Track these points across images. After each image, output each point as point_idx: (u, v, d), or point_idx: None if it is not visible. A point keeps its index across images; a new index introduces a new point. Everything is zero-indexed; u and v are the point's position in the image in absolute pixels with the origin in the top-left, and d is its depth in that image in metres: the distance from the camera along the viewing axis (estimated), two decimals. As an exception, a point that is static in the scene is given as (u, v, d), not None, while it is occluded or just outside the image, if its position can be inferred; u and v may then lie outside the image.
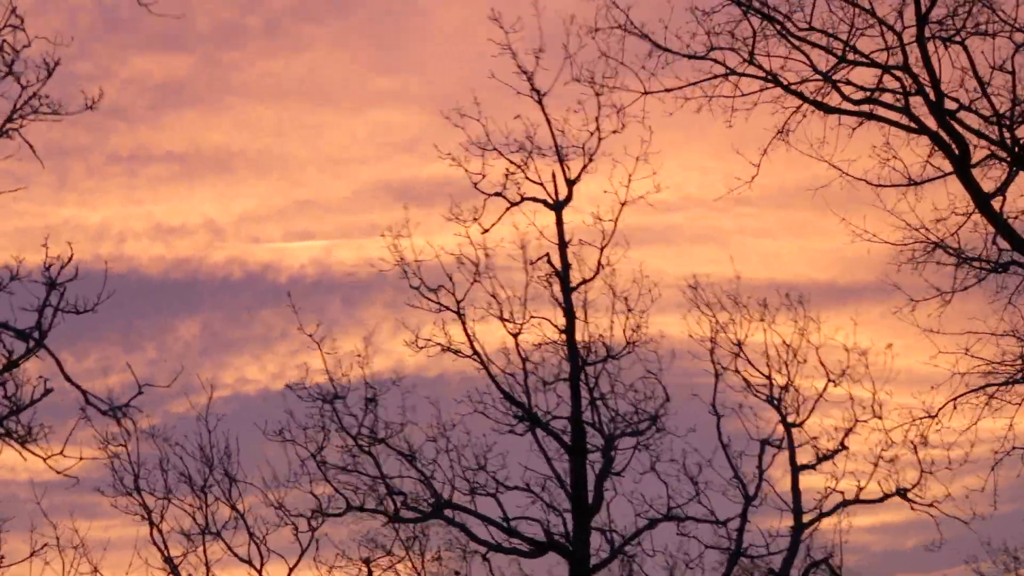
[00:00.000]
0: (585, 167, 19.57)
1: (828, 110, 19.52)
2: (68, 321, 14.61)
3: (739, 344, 21.23)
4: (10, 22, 14.96)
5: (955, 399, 20.49)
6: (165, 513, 21.02)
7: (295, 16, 35.32)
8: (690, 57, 19.30)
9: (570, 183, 19.56)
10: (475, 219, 19.20)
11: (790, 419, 21.13)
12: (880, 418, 20.93)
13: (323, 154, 34.43)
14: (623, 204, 19.56)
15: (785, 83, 19.48)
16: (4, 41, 15.14)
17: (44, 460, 14.53)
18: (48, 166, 15.46)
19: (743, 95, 19.46)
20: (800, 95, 19.52)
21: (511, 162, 19.36)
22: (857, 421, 20.97)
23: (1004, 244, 19.76)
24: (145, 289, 31.45)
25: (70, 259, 14.46)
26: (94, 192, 31.45)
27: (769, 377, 21.29)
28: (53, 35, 15.30)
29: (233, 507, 20.90)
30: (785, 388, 21.18)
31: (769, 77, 19.45)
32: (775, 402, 21.16)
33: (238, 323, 30.50)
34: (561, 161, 19.47)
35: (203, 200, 33.01)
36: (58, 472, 14.59)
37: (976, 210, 19.65)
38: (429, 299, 19.32)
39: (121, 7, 30.78)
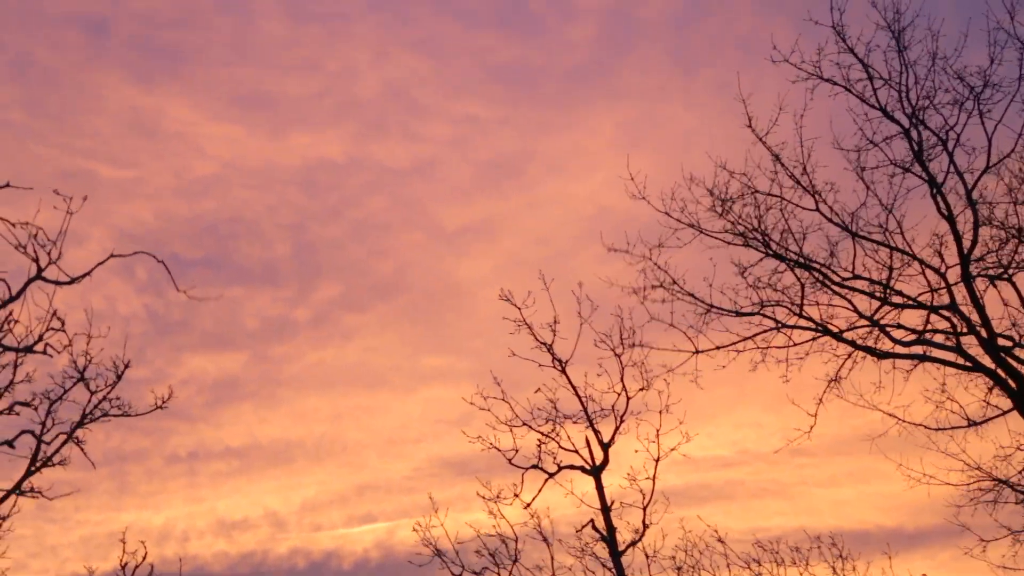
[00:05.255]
0: (617, 428, 19.42)
1: (880, 355, 19.30)
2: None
3: None
4: (51, 325, 15.42)
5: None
6: None
7: (341, 306, 36.63)
8: (739, 314, 19.29)
9: (604, 446, 19.34)
10: (515, 495, 19.02)
11: None
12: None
13: (379, 436, 34.98)
14: (656, 460, 19.26)
15: (835, 331, 19.33)
16: (47, 344, 15.56)
17: None
18: (108, 472, 15.80)
19: (795, 345, 19.34)
20: (851, 342, 19.37)
21: (542, 433, 19.25)
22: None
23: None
24: (211, 585, 31.45)
25: (144, 558, 14.67)
26: (156, 494, 31.76)
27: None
28: (108, 340, 15.81)
29: None
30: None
31: (819, 327, 19.34)
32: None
33: (305, 612, 30.27)
34: (592, 425, 19.36)
35: (264, 492, 33.24)
36: None
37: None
38: (474, 586, 18.87)
39: (172, 312, 31.92)
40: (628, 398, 19.19)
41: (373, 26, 36.50)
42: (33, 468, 15.94)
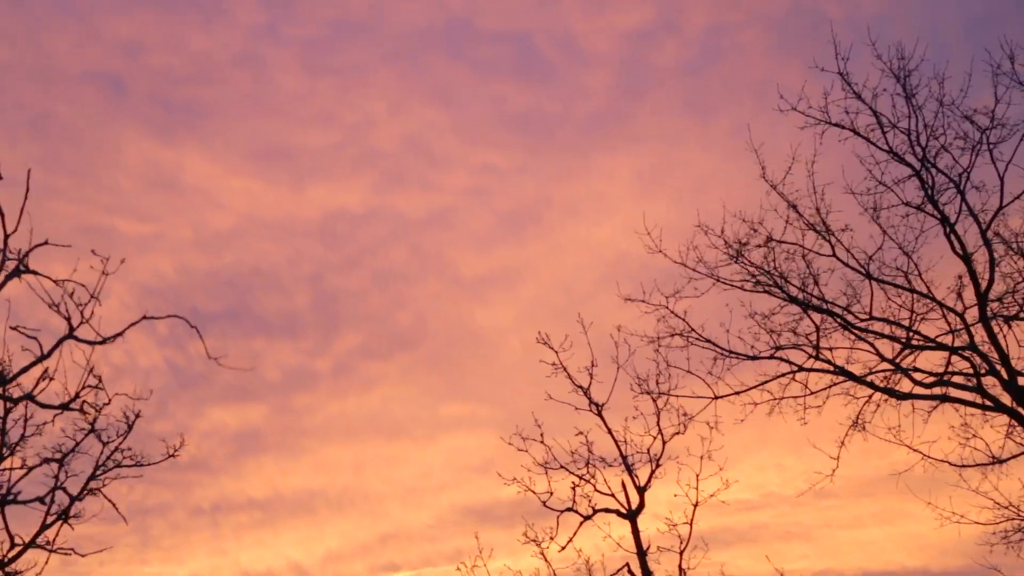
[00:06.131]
0: (653, 473, 19.41)
1: (900, 397, 19.31)
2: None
3: None
4: (88, 382, 15.46)
5: None
6: None
7: (361, 356, 36.77)
8: (755, 359, 19.33)
9: (640, 490, 19.35)
10: (551, 538, 18.97)
11: None
12: None
13: (401, 485, 34.77)
14: (695, 505, 19.23)
15: (854, 375, 19.33)
16: (85, 402, 15.58)
17: None
18: (131, 526, 15.80)
19: (812, 393, 19.36)
20: (871, 385, 19.38)
21: (578, 476, 19.33)
22: None
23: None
24: (238, 639, 30.94)
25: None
26: (179, 547, 31.66)
27: None
28: (133, 393, 15.83)
29: None
30: None
31: (837, 370, 19.35)
32: None
33: (328, 663, 29.86)
34: (628, 469, 19.37)
35: (287, 544, 33.12)
36: None
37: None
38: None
39: (193, 364, 31.93)
40: (664, 442, 19.25)
41: (389, 77, 37.02)
42: (48, 521, 15.85)
